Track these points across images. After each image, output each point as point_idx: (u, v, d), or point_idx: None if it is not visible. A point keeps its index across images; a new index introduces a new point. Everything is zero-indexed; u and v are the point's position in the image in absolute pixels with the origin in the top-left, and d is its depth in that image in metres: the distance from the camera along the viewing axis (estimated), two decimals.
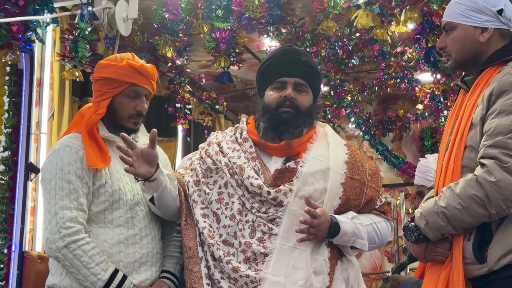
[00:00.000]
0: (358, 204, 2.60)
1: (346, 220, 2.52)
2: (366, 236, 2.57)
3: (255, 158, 2.62)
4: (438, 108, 6.73)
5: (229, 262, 2.46)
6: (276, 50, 2.84)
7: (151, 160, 2.56)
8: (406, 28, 4.49)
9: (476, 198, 2.14)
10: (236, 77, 6.21)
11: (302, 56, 2.71)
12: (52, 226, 2.53)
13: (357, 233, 2.54)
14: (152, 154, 2.55)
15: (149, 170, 2.55)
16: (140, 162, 2.54)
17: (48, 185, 2.59)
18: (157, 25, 4.92)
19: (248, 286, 2.43)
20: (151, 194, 2.61)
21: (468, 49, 2.40)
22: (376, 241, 2.65)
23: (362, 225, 2.57)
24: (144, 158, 2.54)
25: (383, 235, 2.68)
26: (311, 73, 2.71)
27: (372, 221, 2.64)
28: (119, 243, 2.60)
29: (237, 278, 2.44)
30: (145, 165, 2.54)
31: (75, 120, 2.78)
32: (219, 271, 2.49)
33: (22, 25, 3.75)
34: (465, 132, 2.29)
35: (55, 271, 2.63)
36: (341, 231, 2.49)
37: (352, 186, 2.57)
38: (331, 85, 6.36)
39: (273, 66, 2.70)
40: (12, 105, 4.26)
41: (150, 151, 2.55)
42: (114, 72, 2.67)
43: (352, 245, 2.56)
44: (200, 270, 2.52)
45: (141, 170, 2.54)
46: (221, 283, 2.47)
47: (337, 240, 2.52)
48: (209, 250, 2.52)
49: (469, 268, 2.22)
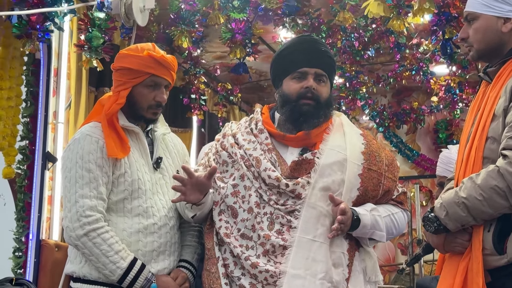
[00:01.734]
0: (376, 195, 2.59)
1: (365, 212, 2.52)
2: (384, 228, 2.57)
3: (271, 149, 2.60)
4: (453, 100, 6.70)
5: (247, 259, 2.45)
6: (294, 39, 2.80)
7: (203, 189, 2.54)
8: (423, 20, 4.47)
9: (498, 189, 2.13)
10: (251, 68, 6.20)
11: (321, 46, 2.69)
12: (72, 215, 2.55)
13: (375, 225, 2.54)
14: (206, 185, 2.53)
15: (198, 197, 2.54)
16: (192, 190, 2.52)
17: (68, 173, 2.60)
18: (173, 16, 4.92)
19: (268, 281, 2.42)
20: (194, 213, 2.61)
21: (490, 39, 2.38)
22: (394, 231, 2.65)
23: (381, 217, 2.56)
24: (197, 187, 2.52)
25: (400, 225, 2.67)
26: (330, 63, 2.70)
27: (390, 212, 2.63)
28: (137, 232, 2.61)
29: (256, 274, 2.43)
30: (196, 193, 2.53)
31: (95, 109, 2.79)
32: (240, 267, 2.48)
33: (40, 15, 3.76)
34: (487, 123, 2.27)
35: (74, 259, 2.65)
36: (361, 224, 2.49)
37: (369, 177, 2.56)
38: (346, 76, 6.35)
39: (293, 56, 2.66)
40: (29, 94, 4.27)
41: (206, 182, 2.52)
42: (134, 62, 2.67)
43: (370, 237, 2.56)
44: (217, 270, 2.51)
45: (191, 198, 2.53)
46: (241, 280, 2.46)
47: (356, 233, 2.52)
48: (228, 248, 2.52)
49: (488, 259, 2.21)
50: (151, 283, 2.56)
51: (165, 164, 2.79)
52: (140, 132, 2.73)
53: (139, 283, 2.54)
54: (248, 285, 2.44)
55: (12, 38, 3.97)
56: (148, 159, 2.73)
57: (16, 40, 3.95)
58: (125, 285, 2.54)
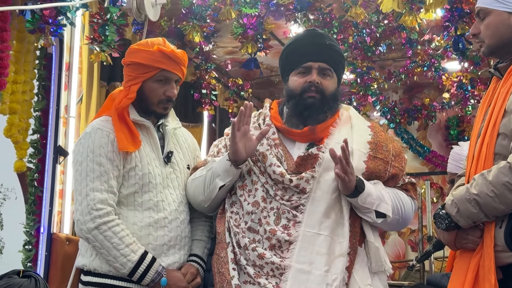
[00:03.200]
0: (382, 179, 2.59)
1: (370, 184, 2.51)
2: (390, 202, 2.53)
3: (277, 145, 2.61)
4: (465, 97, 6.64)
5: (254, 249, 2.47)
6: (299, 34, 2.79)
7: (249, 148, 2.56)
8: (435, 15, 4.45)
9: (509, 185, 2.12)
10: (262, 63, 6.18)
11: (326, 40, 2.67)
12: (83, 208, 2.56)
13: (381, 196, 2.50)
14: (253, 144, 2.56)
15: (242, 152, 2.55)
16: (242, 139, 2.54)
17: (80, 167, 2.62)
18: (185, 11, 4.92)
19: (274, 272, 2.44)
20: (224, 182, 2.59)
21: (502, 35, 2.36)
22: (400, 212, 2.60)
23: (386, 191, 2.55)
24: (245, 140, 2.55)
25: (406, 208, 2.63)
26: (335, 56, 2.68)
27: (396, 192, 2.62)
28: (148, 226, 2.63)
29: (262, 265, 2.46)
30: (243, 146, 2.54)
31: (106, 103, 2.81)
32: (245, 258, 2.50)
33: (53, 9, 3.77)
34: (498, 119, 2.26)
35: (85, 252, 2.67)
36: (366, 189, 2.46)
37: (375, 164, 2.56)
38: (357, 72, 6.32)
39: (297, 51, 2.67)
40: (41, 88, 4.28)
41: (254, 141, 2.56)
42: (144, 58, 2.68)
43: (376, 208, 2.50)
44: (226, 255, 2.53)
45: (239, 145, 2.54)
46: (248, 269, 2.48)
47: (362, 200, 2.46)
48: (235, 238, 2.54)
49: (500, 255, 2.20)
50: (161, 276, 2.57)
51: (176, 158, 2.80)
52: (151, 126, 2.74)
53: (150, 276, 2.56)
54: (253, 274, 2.46)
55: (26, 32, 3.98)
56: (159, 153, 2.74)
57: (29, 34, 3.97)
58: (136, 278, 2.56)
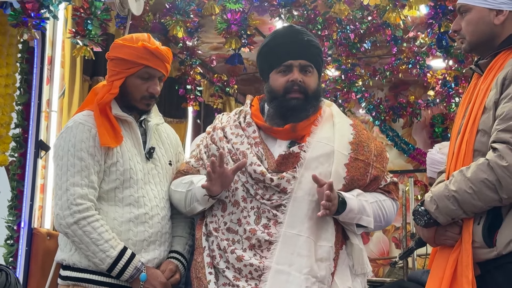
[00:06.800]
0: (363, 184, 2.57)
1: (351, 196, 2.49)
2: (371, 213, 2.54)
3: (258, 143, 2.59)
4: (449, 94, 6.69)
5: (233, 252, 2.46)
6: (277, 32, 2.76)
7: (226, 184, 2.53)
8: (419, 13, 4.46)
9: (488, 182, 2.13)
10: (247, 60, 6.18)
11: (304, 36, 2.64)
12: (63, 202, 2.55)
13: (362, 210, 2.50)
14: (229, 179, 2.52)
15: (217, 190, 2.53)
16: (217, 179, 2.50)
17: (60, 161, 2.60)
18: (169, 5, 4.91)
19: (253, 275, 2.43)
20: (204, 207, 2.60)
21: (482, 31, 2.37)
22: (382, 219, 2.62)
23: (368, 202, 2.54)
24: (221, 178, 2.51)
25: (389, 213, 2.65)
26: (315, 52, 2.66)
27: (377, 199, 2.61)
28: (128, 222, 2.61)
29: (241, 268, 2.44)
30: (218, 186, 2.52)
31: (88, 97, 2.79)
32: (224, 260, 2.49)
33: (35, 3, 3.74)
34: (478, 116, 2.27)
35: (64, 246, 2.65)
36: (348, 207, 2.46)
37: (356, 166, 2.55)
38: (342, 69, 6.32)
39: (276, 49, 2.64)
40: (24, 82, 4.26)
41: (230, 176, 2.52)
42: (128, 53, 2.66)
43: (358, 222, 2.52)
44: (203, 260, 2.53)
45: (214, 188, 2.51)
46: (226, 273, 2.47)
47: (343, 217, 2.48)
48: (215, 241, 2.53)
49: (478, 252, 2.22)
50: (140, 272, 2.56)
51: (158, 154, 2.79)
52: (133, 122, 2.73)
53: (129, 272, 2.54)
54: (232, 278, 2.44)
55: (8, 25, 3.96)
56: (141, 149, 2.72)
57: (12, 27, 3.94)
58: (115, 274, 2.54)
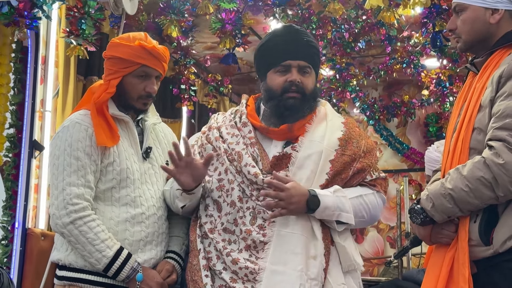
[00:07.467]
0: (346, 176, 2.55)
1: (327, 193, 2.47)
2: (351, 209, 2.50)
3: (254, 143, 2.59)
4: (443, 93, 6.69)
5: (228, 255, 2.46)
6: (276, 31, 2.75)
7: (197, 176, 2.53)
8: (414, 12, 4.46)
9: (484, 180, 2.13)
10: (242, 59, 6.18)
11: (304, 36, 2.64)
12: (59, 202, 2.54)
13: (340, 206, 2.47)
14: (201, 172, 2.52)
15: (189, 183, 2.53)
16: (185, 169, 2.50)
17: (57, 161, 2.59)
18: (163, 5, 4.90)
19: (248, 277, 2.42)
20: (184, 203, 2.59)
21: (478, 30, 2.38)
22: (364, 214, 2.58)
23: (346, 198, 2.50)
24: (191, 170, 2.51)
25: (372, 208, 2.60)
26: (313, 53, 2.66)
27: (359, 193, 2.58)
28: (125, 221, 2.61)
29: (237, 270, 2.44)
30: (188, 176, 2.52)
31: (85, 96, 2.78)
32: (221, 261, 2.48)
33: (28, 2, 3.73)
34: (474, 114, 2.27)
35: (61, 246, 2.65)
36: (322, 204, 2.43)
37: (341, 161, 2.53)
38: (336, 68, 6.32)
39: (275, 48, 2.63)
40: (17, 82, 4.24)
41: (200, 168, 2.52)
42: (125, 52, 2.65)
43: (337, 219, 2.48)
44: (198, 263, 2.52)
45: (182, 178, 2.51)
46: (223, 274, 2.46)
47: (319, 215, 2.45)
48: (212, 242, 2.52)
49: (474, 250, 2.22)
50: (137, 272, 2.55)
51: (155, 154, 2.78)
52: (130, 121, 2.72)
53: (125, 272, 2.53)
54: (229, 280, 2.44)
55: (1, 25, 3.94)
56: (138, 149, 2.72)
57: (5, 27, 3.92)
58: (111, 274, 2.53)
